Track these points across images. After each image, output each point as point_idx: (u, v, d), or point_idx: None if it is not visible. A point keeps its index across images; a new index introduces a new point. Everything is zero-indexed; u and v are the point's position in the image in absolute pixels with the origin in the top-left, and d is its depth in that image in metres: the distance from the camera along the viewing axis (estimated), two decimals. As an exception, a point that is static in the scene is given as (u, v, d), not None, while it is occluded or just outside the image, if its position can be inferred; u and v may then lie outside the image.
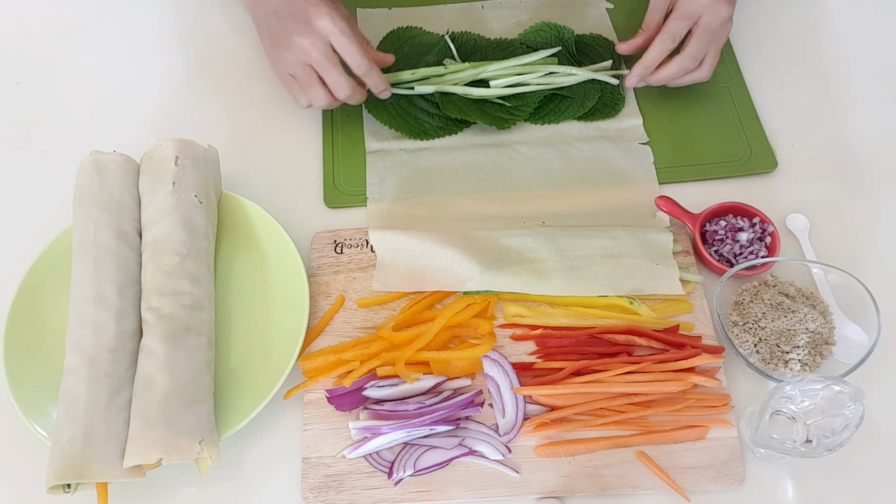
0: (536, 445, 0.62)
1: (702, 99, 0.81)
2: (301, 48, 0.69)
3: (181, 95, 0.85)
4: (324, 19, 0.68)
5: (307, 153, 0.80)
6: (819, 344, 0.65)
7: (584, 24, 0.87)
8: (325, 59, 0.69)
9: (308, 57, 0.69)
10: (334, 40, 0.69)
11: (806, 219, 0.74)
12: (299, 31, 0.68)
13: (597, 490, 0.61)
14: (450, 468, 0.62)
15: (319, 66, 0.70)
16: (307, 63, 0.70)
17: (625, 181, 0.76)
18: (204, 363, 0.62)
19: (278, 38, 0.70)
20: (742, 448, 0.63)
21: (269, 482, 0.63)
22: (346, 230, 0.74)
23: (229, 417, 0.63)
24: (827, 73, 0.85)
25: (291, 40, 0.69)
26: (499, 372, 0.64)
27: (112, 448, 0.58)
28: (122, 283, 0.64)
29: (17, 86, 0.87)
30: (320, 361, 0.66)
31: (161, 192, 0.67)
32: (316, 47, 0.68)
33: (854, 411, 0.56)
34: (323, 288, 0.71)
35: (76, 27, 0.91)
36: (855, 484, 0.62)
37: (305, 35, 0.68)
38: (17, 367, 0.65)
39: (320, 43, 0.69)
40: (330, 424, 0.64)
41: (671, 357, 0.64)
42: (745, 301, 0.68)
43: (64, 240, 0.70)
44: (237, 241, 0.72)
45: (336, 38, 0.69)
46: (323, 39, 0.69)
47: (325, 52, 0.69)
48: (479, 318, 0.67)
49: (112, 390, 0.60)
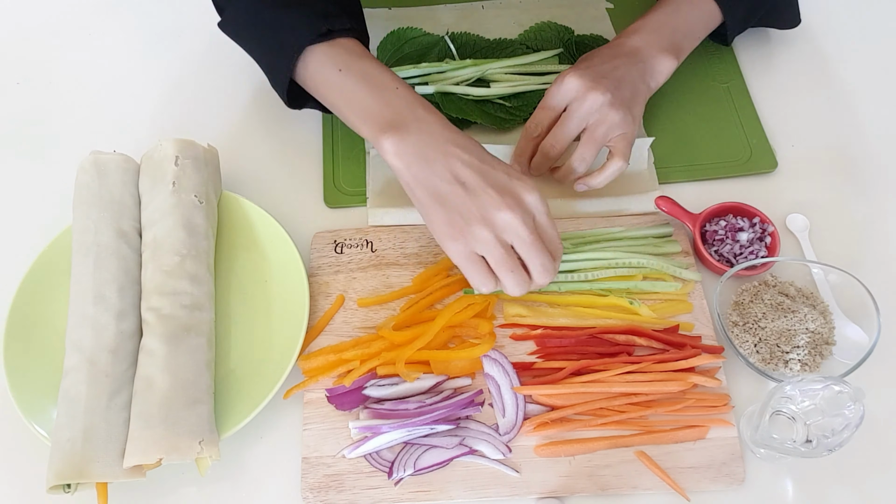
0: (536, 445, 0.62)
1: (702, 99, 0.81)
2: (509, 225, 0.58)
3: (181, 95, 0.85)
4: (534, 194, 0.60)
5: (307, 153, 0.80)
6: (819, 344, 0.65)
7: (584, 24, 0.87)
8: (535, 240, 0.59)
9: (515, 235, 0.59)
10: (540, 219, 0.60)
11: (806, 219, 0.74)
12: (508, 205, 0.58)
13: (597, 490, 0.61)
14: (450, 468, 0.62)
15: (528, 246, 0.59)
16: (509, 243, 0.59)
17: (625, 181, 0.76)
18: (204, 363, 0.62)
19: (464, 211, 0.59)
20: (742, 448, 0.63)
21: (269, 482, 0.63)
22: (346, 230, 0.74)
23: (229, 417, 0.63)
24: (827, 73, 0.85)
25: (495, 215, 0.58)
26: (499, 371, 0.64)
27: (112, 448, 0.58)
28: (122, 283, 0.64)
29: (17, 86, 0.87)
30: (320, 361, 0.66)
31: (161, 192, 0.67)
32: (527, 225, 0.58)
33: (854, 411, 0.56)
34: (323, 288, 0.71)
35: (76, 27, 0.91)
36: (855, 484, 0.62)
37: (515, 210, 0.58)
38: (17, 367, 0.65)
39: (530, 220, 0.59)
40: (330, 424, 0.64)
41: (671, 357, 0.64)
42: (745, 301, 0.68)
43: (64, 240, 0.70)
44: (237, 241, 0.72)
45: (542, 217, 0.60)
46: (531, 216, 0.59)
47: (534, 231, 0.59)
48: (479, 318, 0.67)
49: (112, 390, 0.60)
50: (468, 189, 0.59)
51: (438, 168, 0.60)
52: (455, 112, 0.78)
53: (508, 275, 0.59)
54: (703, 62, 0.84)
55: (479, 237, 0.58)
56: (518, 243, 0.59)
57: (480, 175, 0.59)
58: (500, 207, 0.58)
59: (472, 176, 0.59)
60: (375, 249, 0.73)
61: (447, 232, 0.59)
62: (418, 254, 0.72)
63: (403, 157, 0.60)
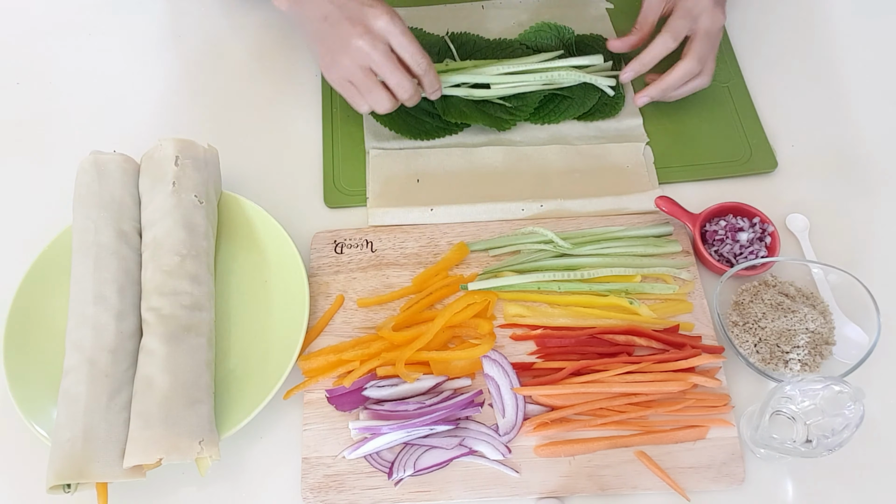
0: (536, 445, 0.62)
1: (702, 99, 0.81)
2: (361, 51, 0.66)
3: (181, 95, 0.85)
4: (382, 19, 0.66)
5: (307, 153, 0.80)
6: (819, 344, 0.65)
7: (584, 24, 0.87)
8: (386, 60, 0.67)
9: (368, 59, 0.66)
10: (393, 40, 0.67)
11: (806, 219, 0.74)
12: (357, 33, 0.65)
13: (597, 490, 0.61)
14: (450, 468, 0.62)
15: (381, 67, 0.67)
16: (367, 66, 0.67)
17: (625, 181, 0.76)
18: (204, 363, 0.62)
19: (332, 44, 0.68)
20: (742, 448, 0.63)
21: (269, 482, 0.63)
22: (346, 230, 0.74)
23: (229, 417, 0.63)
24: (827, 73, 0.85)
25: (349, 43, 0.66)
26: (499, 372, 0.64)
27: (112, 448, 0.58)
28: (122, 283, 0.64)
29: (17, 86, 0.87)
30: (320, 361, 0.66)
31: (161, 192, 0.67)
32: (376, 49, 0.66)
33: (854, 411, 0.56)
34: (323, 288, 0.71)
35: (76, 27, 0.91)
36: (855, 484, 0.62)
37: (364, 37, 0.65)
38: (17, 367, 0.65)
39: (380, 44, 0.66)
40: (330, 424, 0.64)
41: (671, 357, 0.64)
42: (745, 301, 0.68)
43: (64, 240, 0.70)
44: (237, 241, 0.72)
45: (396, 39, 0.67)
46: (382, 40, 0.66)
47: (385, 53, 0.66)
48: (479, 318, 0.67)
49: (112, 390, 0.60)
50: (330, 23, 0.67)
51: (308, 7, 0.68)
52: (456, 117, 0.78)
53: (368, 95, 0.69)
54: (703, 62, 0.84)
55: (343, 64, 0.67)
56: (374, 66, 0.67)
57: (338, 9, 0.66)
58: (351, 36, 0.65)
59: (332, 11, 0.66)
60: (375, 249, 0.73)
61: (323, 64, 0.70)
62: (418, 254, 0.72)
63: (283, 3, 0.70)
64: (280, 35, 0.89)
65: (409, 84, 0.68)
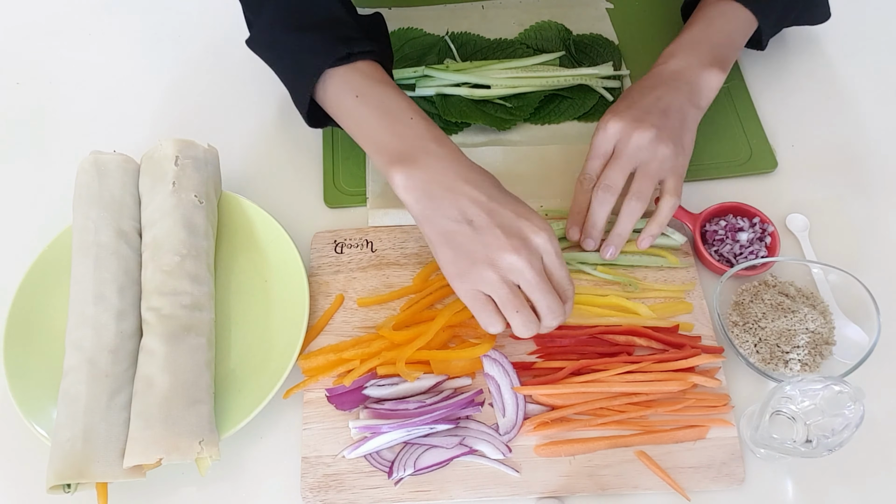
0: (537, 445, 0.62)
1: (702, 99, 0.81)
2: (514, 267, 0.57)
3: (181, 95, 0.85)
4: (542, 236, 0.58)
5: (307, 153, 0.80)
6: (819, 344, 0.65)
7: (584, 24, 0.87)
8: (541, 281, 0.58)
9: (520, 276, 0.57)
10: (547, 259, 0.59)
11: (806, 219, 0.74)
12: (513, 246, 0.57)
13: (597, 490, 0.61)
14: (450, 467, 0.62)
15: (533, 288, 0.58)
16: (515, 283, 0.58)
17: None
18: (204, 363, 0.62)
19: (473, 251, 0.58)
20: (742, 448, 0.63)
21: (269, 482, 0.63)
22: (346, 230, 0.74)
23: (229, 417, 0.63)
24: (827, 74, 0.85)
25: (500, 257, 0.57)
26: (499, 371, 0.64)
27: (112, 448, 0.58)
28: (122, 283, 0.64)
29: (17, 86, 0.87)
30: (320, 360, 0.66)
31: (161, 192, 0.67)
32: (533, 267, 0.57)
33: (854, 411, 0.56)
34: (323, 288, 0.71)
35: (76, 27, 0.91)
36: (855, 484, 0.62)
37: (521, 252, 0.57)
38: (17, 368, 0.65)
39: (536, 262, 0.58)
40: (330, 424, 0.64)
41: (671, 357, 0.64)
42: (745, 301, 0.68)
43: (64, 240, 0.70)
44: (237, 241, 0.72)
45: (550, 258, 0.59)
46: (538, 257, 0.58)
47: (541, 273, 0.58)
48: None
49: (112, 390, 0.60)
50: (475, 228, 0.58)
51: (446, 206, 0.59)
52: (456, 116, 0.78)
53: (514, 315, 0.59)
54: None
55: (485, 277, 0.58)
56: (524, 285, 0.58)
57: (488, 214, 0.58)
58: (505, 249, 0.57)
59: (479, 215, 0.58)
60: (375, 249, 0.73)
61: (453, 271, 0.59)
62: (418, 254, 0.72)
63: (412, 192, 0.60)
64: (280, 35, 0.88)
65: (560, 309, 0.59)
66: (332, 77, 0.65)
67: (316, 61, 0.65)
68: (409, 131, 0.62)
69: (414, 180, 0.60)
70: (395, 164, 0.60)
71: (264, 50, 0.72)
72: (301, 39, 0.66)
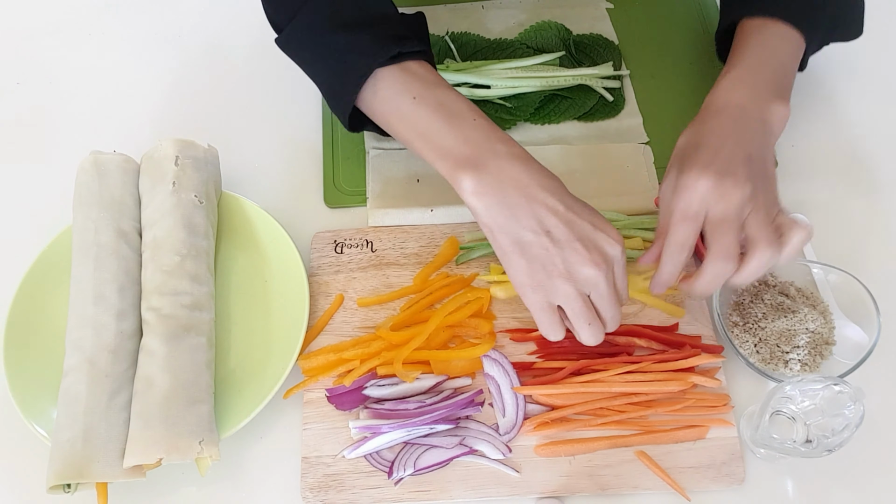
0: (537, 445, 0.62)
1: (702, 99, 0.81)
2: (590, 280, 0.56)
3: (181, 95, 0.85)
4: (617, 248, 0.57)
5: (307, 153, 0.80)
6: (819, 344, 0.65)
7: (584, 24, 0.87)
8: (612, 294, 0.57)
9: (595, 288, 0.56)
10: (616, 271, 0.58)
11: (806, 219, 0.74)
12: (592, 260, 0.55)
13: (597, 490, 0.61)
14: (450, 468, 0.62)
15: (605, 300, 0.57)
16: (587, 294, 0.57)
17: (625, 181, 0.76)
18: (204, 363, 0.62)
19: (549, 264, 0.56)
20: (742, 448, 0.63)
21: (269, 482, 0.63)
22: (346, 230, 0.74)
23: (229, 417, 0.63)
24: (827, 73, 0.85)
25: (579, 271, 0.55)
26: (499, 371, 0.64)
27: (112, 448, 0.58)
28: (122, 283, 0.64)
29: (17, 86, 0.87)
30: (320, 361, 0.66)
31: (161, 192, 0.67)
32: (607, 280, 0.56)
33: (854, 411, 0.56)
34: (323, 288, 0.71)
35: (76, 27, 0.91)
36: (855, 484, 0.62)
37: (599, 265, 0.55)
38: (17, 368, 0.65)
39: (610, 273, 0.57)
40: (330, 424, 0.64)
41: (671, 357, 0.64)
42: (745, 301, 0.68)
43: (64, 240, 0.70)
44: (237, 241, 0.72)
45: (618, 269, 0.58)
46: (612, 269, 0.57)
47: (612, 285, 0.57)
48: (479, 318, 0.67)
49: (112, 390, 0.60)
50: (554, 240, 0.56)
51: (522, 215, 0.56)
52: None
53: (586, 327, 0.58)
54: (704, 63, 0.84)
55: (561, 291, 0.56)
56: (596, 296, 0.57)
57: (567, 225, 0.56)
58: (585, 263, 0.55)
59: (558, 226, 0.56)
60: (375, 249, 0.73)
61: (527, 282, 0.57)
62: (418, 254, 0.72)
63: (483, 198, 0.57)
64: (280, 35, 0.89)
65: (619, 315, 0.59)
66: (383, 78, 0.61)
67: (365, 60, 0.60)
68: (474, 133, 0.59)
69: (484, 185, 0.56)
70: (463, 169, 0.57)
71: (302, 50, 0.66)
72: (345, 39, 0.62)
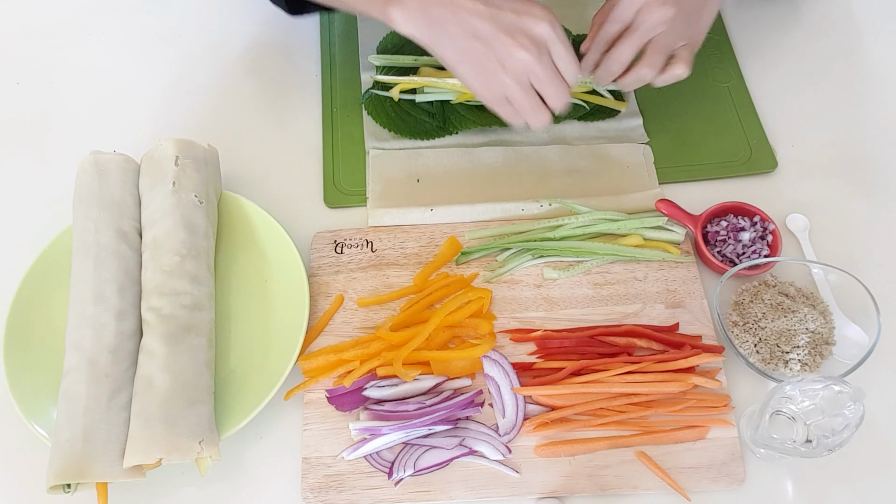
0: (536, 445, 0.62)
1: (702, 99, 0.81)
2: (524, 65, 0.58)
3: (181, 95, 0.85)
4: (543, 25, 0.58)
5: (307, 153, 0.80)
6: (819, 344, 0.65)
7: (584, 24, 0.86)
8: (549, 73, 0.59)
9: (530, 72, 0.59)
10: (553, 49, 0.59)
11: (806, 219, 0.74)
12: (519, 45, 0.58)
13: (597, 490, 0.61)
14: (450, 468, 0.62)
15: (542, 81, 0.59)
16: (527, 80, 0.60)
17: (625, 181, 0.76)
18: (204, 363, 0.62)
19: (486, 62, 0.59)
20: (742, 448, 0.63)
21: (269, 482, 0.63)
22: (346, 230, 0.74)
23: (229, 417, 0.63)
24: (827, 73, 0.85)
25: (510, 57, 0.58)
26: (499, 372, 0.64)
27: (112, 448, 0.58)
28: (122, 283, 0.64)
29: (17, 86, 0.87)
30: (320, 361, 0.66)
31: (161, 192, 0.67)
32: (541, 62, 0.58)
33: (854, 411, 0.56)
34: (323, 288, 0.71)
35: (76, 27, 0.91)
36: (855, 484, 0.62)
37: (529, 49, 0.58)
38: (17, 368, 0.65)
39: (544, 55, 0.58)
40: (330, 424, 0.64)
41: (671, 357, 0.64)
42: (745, 301, 0.68)
43: (64, 240, 0.70)
44: (237, 241, 0.72)
45: (556, 47, 0.59)
46: (545, 49, 0.59)
47: (549, 66, 0.59)
48: (479, 318, 0.67)
49: (112, 390, 0.60)
50: (482, 40, 0.58)
51: (450, 26, 0.59)
52: (457, 125, 0.77)
53: (530, 114, 0.62)
54: (704, 62, 0.84)
55: (500, 82, 0.59)
56: (535, 80, 0.60)
57: (490, 21, 0.58)
58: (514, 50, 0.58)
59: (483, 25, 0.58)
60: (375, 249, 0.73)
61: (477, 85, 0.61)
62: (418, 254, 0.72)
63: (413, 22, 0.60)
64: (280, 35, 0.89)
65: (565, 94, 0.61)
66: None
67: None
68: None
69: (411, 10, 0.59)
70: (389, 4, 0.60)
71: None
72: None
